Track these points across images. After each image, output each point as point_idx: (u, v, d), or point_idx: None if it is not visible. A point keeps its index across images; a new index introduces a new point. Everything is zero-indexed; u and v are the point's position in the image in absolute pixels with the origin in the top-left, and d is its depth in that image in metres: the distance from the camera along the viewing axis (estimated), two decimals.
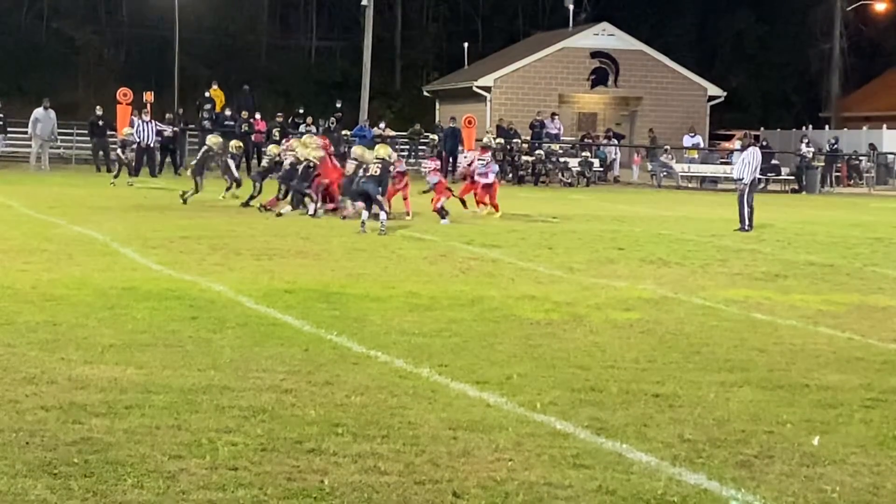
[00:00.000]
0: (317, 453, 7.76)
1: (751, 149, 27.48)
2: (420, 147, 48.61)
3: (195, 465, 7.41)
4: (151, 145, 41.10)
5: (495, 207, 27.65)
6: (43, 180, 36.52)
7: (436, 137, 47.50)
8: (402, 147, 49.13)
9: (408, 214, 25.93)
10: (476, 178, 27.88)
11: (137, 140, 38.93)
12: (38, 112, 42.61)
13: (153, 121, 41.54)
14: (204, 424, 8.33)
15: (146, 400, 8.95)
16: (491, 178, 27.99)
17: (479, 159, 28.38)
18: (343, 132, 45.85)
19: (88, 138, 44.15)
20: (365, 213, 22.89)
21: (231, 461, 7.52)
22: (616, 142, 52.35)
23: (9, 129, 45.04)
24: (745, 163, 26.66)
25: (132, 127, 39.38)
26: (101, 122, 42.64)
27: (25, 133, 43.86)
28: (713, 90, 57.63)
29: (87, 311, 12.79)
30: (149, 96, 44.17)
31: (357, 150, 26.08)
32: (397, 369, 10.40)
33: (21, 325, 11.89)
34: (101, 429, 8.15)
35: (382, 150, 24.19)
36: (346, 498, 6.94)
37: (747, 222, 25.90)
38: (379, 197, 23.00)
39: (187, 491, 6.96)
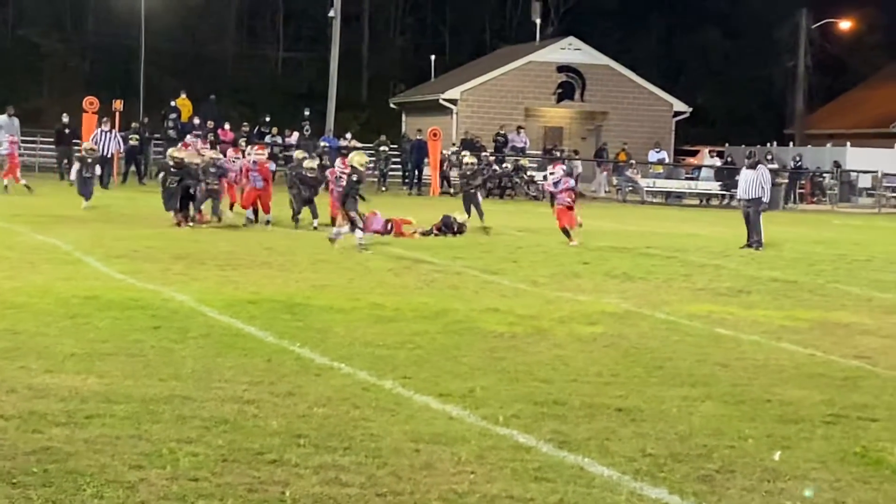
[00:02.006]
0: (278, 464, 7.73)
1: (762, 167, 27.18)
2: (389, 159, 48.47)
3: (155, 476, 7.37)
4: (109, 156, 39.72)
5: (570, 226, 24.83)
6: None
7: (385, 149, 47.29)
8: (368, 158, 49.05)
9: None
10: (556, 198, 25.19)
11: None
12: (2, 119, 42.38)
13: (114, 130, 40.92)
14: (165, 435, 8.29)
15: (107, 409, 8.90)
16: (565, 196, 25.11)
17: (550, 173, 25.87)
18: (322, 144, 45.68)
19: (53, 146, 43.88)
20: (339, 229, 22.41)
21: (192, 472, 7.48)
22: (597, 158, 52.44)
23: None
24: (766, 181, 26.40)
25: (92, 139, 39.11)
26: (66, 130, 42.39)
27: None
28: (679, 106, 57.83)
29: (49, 320, 12.73)
30: (117, 104, 43.99)
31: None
32: (360, 381, 10.38)
33: None
34: (61, 438, 8.09)
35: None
36: None
37: (757, 238, 25.80)
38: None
39: (147, 501, 6.92)
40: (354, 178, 22.21)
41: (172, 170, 25.24)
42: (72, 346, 11.37)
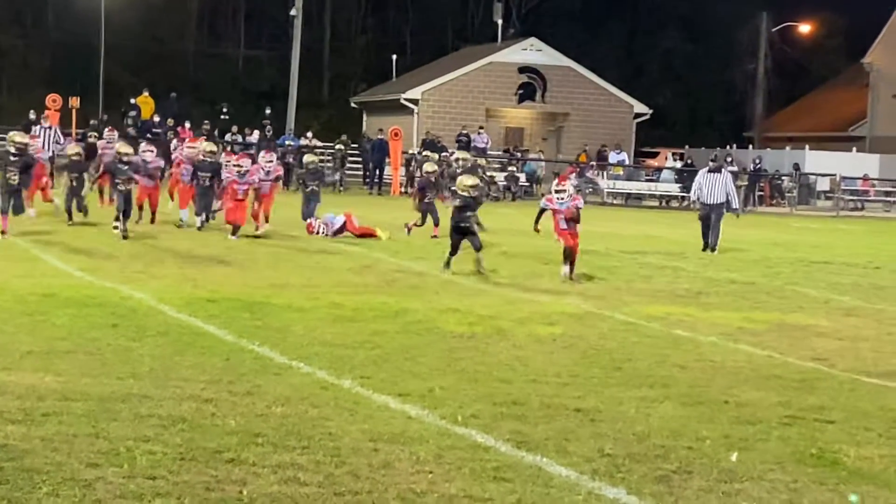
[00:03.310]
0: (236, 463, 7.71)
1: (726, 171, 26.93)
2: (349, 157, 48.36)
3: (112, 474, 7.33)
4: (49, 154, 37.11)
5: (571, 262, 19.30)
6: None
7: (341, 147, 47.14)
8: (327, 157, 49.01)
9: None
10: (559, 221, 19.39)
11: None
12: None
13: (54, 127, 39.67)
14: (122, 433, 8.25)
15: (64, 407, 8.85)
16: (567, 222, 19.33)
17: (554, 190, 19.75)
18: (288, 143, 45.56)
19: None
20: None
21: (149, 470, 7.45)
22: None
23: None
24: (732, 186, 26.25)
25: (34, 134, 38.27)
26: (33, 127, 41.87)
27: None
28: (639, 107, 58.01)
29: (6, 317, 12.66)
30: (74, 102, 43.67)
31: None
32: (319, 380, 10.36)
33: None
34: (17, 436, 8.04)
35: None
36: None
37: (713, 242, 25.61)
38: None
39: (104, 500, 6.88)
40: (457, 201, 19.64)
41: (12, 157, 21.42)
42: (29, 343, 11.31)
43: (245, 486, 7.27)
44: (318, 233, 24.80)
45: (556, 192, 19.60)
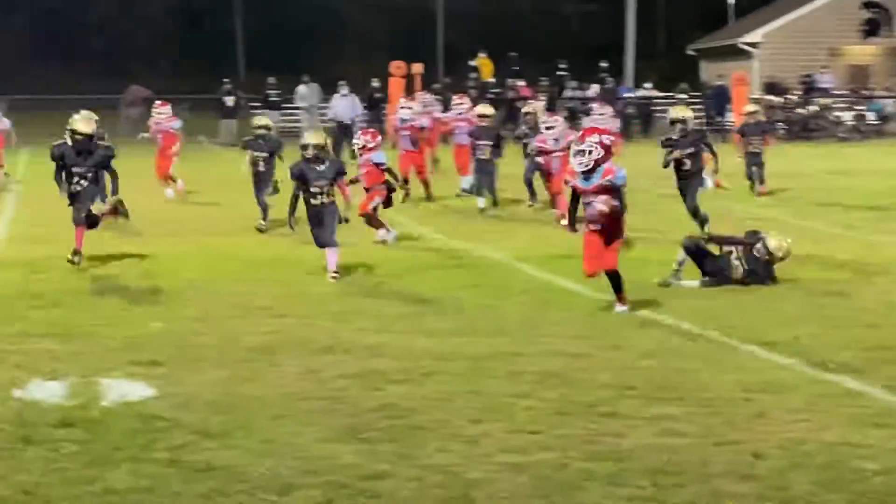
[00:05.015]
0: (612, 416, 7.87)
1: None
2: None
3: (495, 429, 7.59)
4: (349, 123, 35.37)
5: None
6: None
7: (684, 96, 46.74)
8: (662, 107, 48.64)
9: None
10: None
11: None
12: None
13: (353, 94, 37.87)
14: (499, 389, 8.52)
15: (440, 367, 9.20)
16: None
17: (574, 152, 11.40)
18: (627, 95, 45.50)
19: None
20: None
21: (529, 425, 7.67)
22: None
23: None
24: None
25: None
26: (376, 95, 42.86)
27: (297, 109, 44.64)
28: None
29: (378, 282, 13.19)
30: (417, 68, 44.51)
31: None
32: (683, 332, 10.44)
33: (314, 296, 12.34)
34: (401, 395, 8.42)
35: None
36: (646, 459, 7.01)
37: None
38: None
39: (490, 454, 7.13)
40: None
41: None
42: (399, 306, 11.78)
43: (623, 438, 7.41)
44: None
45: (576, 154, 11.39)
